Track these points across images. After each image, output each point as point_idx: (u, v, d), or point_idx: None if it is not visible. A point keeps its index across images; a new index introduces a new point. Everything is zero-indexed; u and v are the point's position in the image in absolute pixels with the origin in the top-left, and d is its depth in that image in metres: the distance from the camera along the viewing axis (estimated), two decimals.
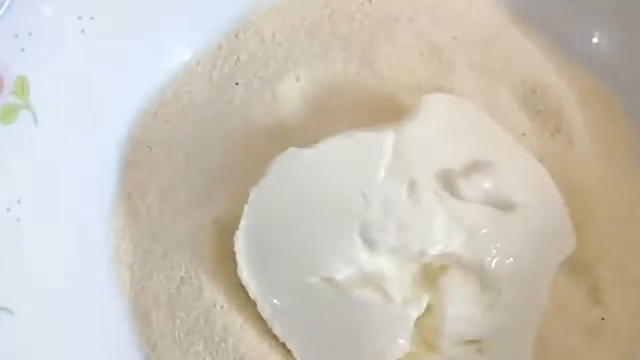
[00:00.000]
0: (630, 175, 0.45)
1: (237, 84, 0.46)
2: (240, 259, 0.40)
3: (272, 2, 0.47)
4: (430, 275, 0.40)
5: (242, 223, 0.41)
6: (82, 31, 0.41)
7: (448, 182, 0.39)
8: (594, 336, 0.42)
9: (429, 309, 0.39)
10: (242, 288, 0.41)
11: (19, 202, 0.39)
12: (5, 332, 0.37)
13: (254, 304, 0.40)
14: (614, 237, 0.44)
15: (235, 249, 0.41)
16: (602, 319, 0.42)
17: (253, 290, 0.40)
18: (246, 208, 0.41)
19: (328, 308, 0.39)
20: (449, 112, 0.41)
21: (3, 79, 0.37)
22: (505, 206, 0.39)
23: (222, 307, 0.41)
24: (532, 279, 0.40)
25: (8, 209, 0.39)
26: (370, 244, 0.39)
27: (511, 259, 0.39)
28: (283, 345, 0.41)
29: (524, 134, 0.44)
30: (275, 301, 0.40)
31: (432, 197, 0.39)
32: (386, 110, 0.44)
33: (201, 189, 0.44)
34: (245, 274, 0.40)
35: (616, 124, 0.46)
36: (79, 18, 0.40)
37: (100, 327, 0.42)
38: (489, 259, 0.39)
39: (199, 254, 0.42)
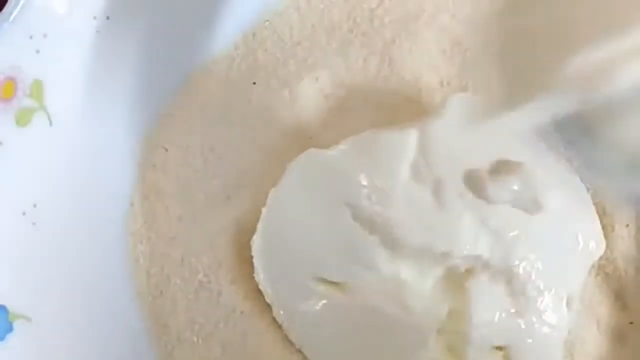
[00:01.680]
0: None
1: (254, 83, 0.45)
2: (257, 262, 0.40)
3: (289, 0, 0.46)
4: (456, 279, 0.39)
5: (260, 225, 0.40)
6: (97, 31, 0.40)
7: (474, 182, 0.38)
8: (622, 340, 0.41)
9: (455, 314, 0.38)
10: (262, 293, 0.40)
11: (34, 205, 0.38)
12: (24, 340, 0.36)
13: None
14: None
15: (252, 253, 0.40)
16: (631, 322, 0.42)
17: (269, 295, 0.40)
18: (264, 210, 0.40)
19: (343, 317, 0.38)
20: (475, 112, 0.40)
21: (18, 81, 0.36)
22: (533, 208, 0.38)
23: (241, 312, 0.40)
24: (562, 284, 0.39)
25: (24, 213, 0.38)
26: (392, 246, 0.38)
27: (540, 263, 0.38)
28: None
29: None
30: (290, 307, 0.39)
31: (458, 198, 0.38)
32: (408, 110, 0.44)
33: (220, 190, 0.43)
34: (261, 277, 0.40)
35: None
36: (94, 18, 0.39)
37: (118, 331, 0.41)
38: (517, 262, 0.38)
39: (218, 258, 0.41)
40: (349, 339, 0.38)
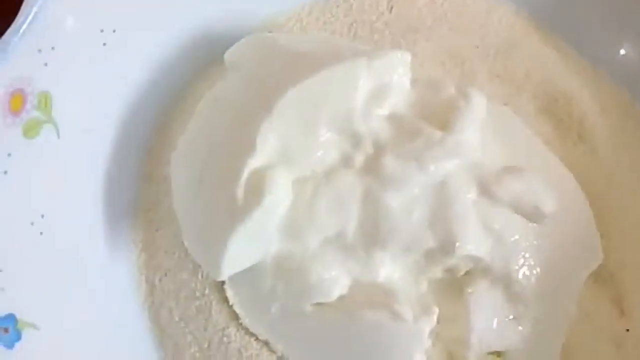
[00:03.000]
0: None
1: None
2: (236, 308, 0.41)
3: (291, 12, 0.47)
4: (453, 283, 0.39)
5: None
6: (104, 44, 0.41)
7: (479, 183, 0.38)
8: (619, 347, 0.42)
9: (453, 319, 0.39)
10: None
11: (42, 216, 0.39)
12: (32, 348, 0.37)
13: None
14: (638, 247, 0.43)
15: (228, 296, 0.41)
16: (627, 330, 0.42)
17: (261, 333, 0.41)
18: None
19: (332, 334, 0.38)
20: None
21: (26, 94, 0.37)
22: (534, 215, 0.38)
23: (237, 329, 0.41)
24: (559, 291, 0.39)
25: (32, 223, 0.38)
26: (375, 243, 0.37)
27: (539, 270, 0.39)
28: None
29: (547, 143, 0.44)
30: (277, 331, 0.40)
31: (464, 198, 0.37)
32: None
33: None
34: (247, 321, 0.41)
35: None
36: (101, 31, 0.40)
37: (124, 339, 0.42)
38: (517, 268, 0.38)
39: None
40: (341, 353, 0.38)
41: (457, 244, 0.37)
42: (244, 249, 0.37)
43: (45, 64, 0.38)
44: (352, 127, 0.38)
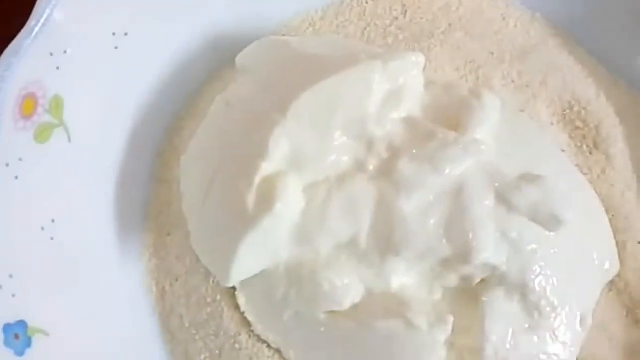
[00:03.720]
0: None
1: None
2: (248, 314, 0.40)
3: (305, 15, 0.46)
4: (468, 292, 0.39)
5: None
6: (116, 47, 0.40)
7: (496, 190, 0.37)
8: (634, 356, 0.41)
9: (467, 328, 0.38)
10: None
11: (52, 221, 0.38)
12: (41, 355, 0.37)
13: None
14: None
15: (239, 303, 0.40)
16: None
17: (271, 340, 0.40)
18: None
19: (345, 342, 0.38)
20: (500, 123, 0.40)
21: (38, 97, 0.37)
22: (551, 223, 0.37)
23: (248, 335, 0.40)
24: (576, 301, 0.39)
25: (42, 228, 0.38)
26: (388, 249, 0.37)
27: (555, 279, 0.38)
28: None
29: (562, 150, 0.44)
30: (290, 338, 0.39)
31: (480, 204, 0.37)
32: None
33: None
34: (259, 328, 0.40)
35: None
36: (113, 34, 0.40)
37: (134, 347, 0.41)
38: (533, 276, 0.38)
39: None
40: None
41: (473, 252, 0.36)
42: (253, 256, 0.37)
43: (57, 68, 0.37)
44: (366, 131, 0.37)
